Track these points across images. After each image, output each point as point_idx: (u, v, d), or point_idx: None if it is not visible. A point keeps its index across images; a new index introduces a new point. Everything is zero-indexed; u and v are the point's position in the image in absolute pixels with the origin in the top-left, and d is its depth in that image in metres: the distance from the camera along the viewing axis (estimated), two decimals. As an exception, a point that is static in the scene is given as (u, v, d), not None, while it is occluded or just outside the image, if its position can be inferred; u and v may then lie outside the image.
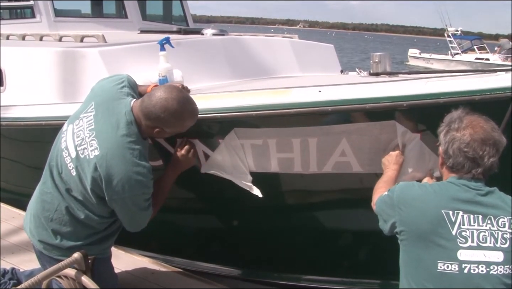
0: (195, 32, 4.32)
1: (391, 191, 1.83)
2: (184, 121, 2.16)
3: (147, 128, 2.13)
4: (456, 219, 1.65)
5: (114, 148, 2.04)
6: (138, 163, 2.04)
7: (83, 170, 2.07)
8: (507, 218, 1.66)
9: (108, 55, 3.14)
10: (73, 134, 2.14)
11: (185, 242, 3.20)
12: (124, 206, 2.10)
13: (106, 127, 2.08)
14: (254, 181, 2.45)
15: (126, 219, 2.19)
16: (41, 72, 3.39)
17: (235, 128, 2.34)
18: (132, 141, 2.07)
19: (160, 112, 2.07)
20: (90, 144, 2.07)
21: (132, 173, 2.02)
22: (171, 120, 2.11)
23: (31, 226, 2.28)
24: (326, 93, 2.17)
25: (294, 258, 2.97)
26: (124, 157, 2.03)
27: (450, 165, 1.74)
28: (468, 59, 28.06)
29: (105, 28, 5.10)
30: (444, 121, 1.79)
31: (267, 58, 3.90)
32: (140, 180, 2.03)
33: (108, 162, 2.02)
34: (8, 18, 5.38)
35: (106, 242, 2.31)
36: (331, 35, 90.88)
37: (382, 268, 2.57)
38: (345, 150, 2.31)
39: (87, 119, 2.13)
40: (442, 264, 1.64)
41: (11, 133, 3.55)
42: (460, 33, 31.82)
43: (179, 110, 2.10)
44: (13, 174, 3.85)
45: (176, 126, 2.17)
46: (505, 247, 1.63)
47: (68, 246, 2.18)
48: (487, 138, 1.66)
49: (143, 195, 2.09)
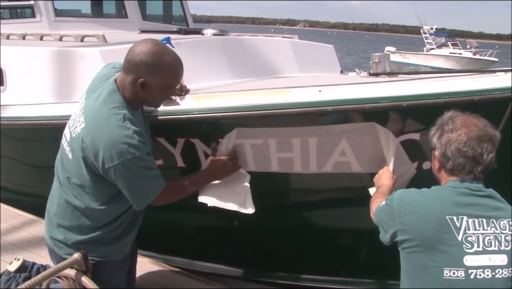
0: (195, 32, 4.32)
1: (390, 200, 1.78)
2: (164, 66, 1.99)
3: (131, 86, 2.01)
4: (461, 224, 1.61)
5: (96, 116, 1.98)
6: (122, 126, 1.94)
7: (75, 148, 2.02)
8: (506, 220, 1.64)
9: (109, 55, 3.15)
10: (70, 121, 2.14)
11: (185, 242, 3.20)
12: (120, 175, 1.98)
13: (90, 102, 2.04)
14: (253, 180, 2.45)
15: (127, 191, 2.05)
16: (42, 72, 3.40)
17: (237, 128, 2.34)
18: (114, 107, 1.99)
19: (134, 56, 1.96)
20: (79, 120, 2.03)
21: (117, 136, 1.92)
22: (149, 61, 1.96)
23: (46, 222, 2.28)
24: (326, 93, 2.17)
25: (294, 257, 2.97)
26: (107, 122, 1.95)
27: (450, 168, 1.70)
28: (443, 53, 33.71)
29: (105, 28, 5.10)
30: (435, 125, 1.76)
31: (267, 59, 3.90)
32: (126, 142, 1.92)
33: (92, 130, 1.96)
34: (9, 17, 5.39)
35: (111, 244, 2.22)
36: (331, 35, 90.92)
37: (382, 267, 2.58)
38: (345, 150, 2.31)
39: (80, 105, 2.11)
40: (448, 271, 1.60)
41: (10, 132, 3.55)
42: (435, 31, 37.68)
43: (154, 50, 1.97)
44: (12, 173, 3.85)
45: (158, 71, 1.99)
46: (509, 249, 1.61)
47: (72, 241, 2.14)
48: (483, 135, 1.64)
49: (137, 160, 1.95)
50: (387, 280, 2.79)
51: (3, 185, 3.98)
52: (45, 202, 2.28)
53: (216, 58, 3.54)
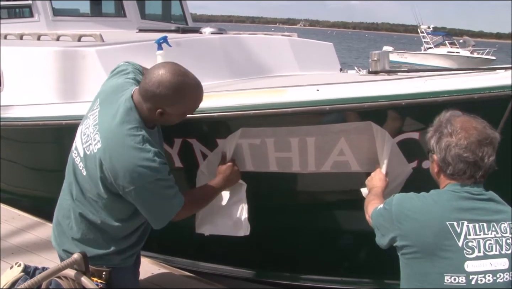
0: (193, 31, 4.31)
1: (388, 204, 1.74)
2: (184, 96, 1.96)
3: (149, 112, 1.97)
4: (461, 229, 1.59)
5: (114, 137, 1.92)
6: (141, 148, 1.89)
7: (91, 166, 1.98)
8: (507, 222, 1.62)
9: (106, 54, 3.13)
10: (81, 134, 2.08)
11: (185, 242, 3.19)
12: (140, 197, 1.95)
13: (106, 119, 1.98)
14: (252, 179, 2.44)
15: (147, 212, 2.03)
16: (39, 72, 3.38)
17: (242, 128, 2.31)
18: (132, 128, 1.93)
19: (155, 88, 1.90)
20: (94, 138, 1.97)
21: (136, 159, 1.88)
22: (169, 95, 1.91)
23: (55, 233, 2.22)
24: (324, 92, 2.16)
25: (293, 257, 2.96)
26: (125, 144, 1.90)
27: (450, 173, 1.66)
28: (440, 52, 33.85)
29: (103, 28, 5.09)
30: (432, 127, 1.73)
31: (266, 57, 3.88)
32: (147, 165, 1.88)
33: (110, 153, 1.90)
34: (7, 17, 5.38)
35: (127, 252, 2.20)
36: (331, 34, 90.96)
37: (382, 267, 2.56)
38: (343, 149, 2.30)
39: (93, 116, 2.05)
40: (449, 277, 1.57)
41: (9, 133, 3.54)
42: (432, 30, 37.76)
43: (175, 82, 1.91)
44: (12, 174, 3.84)
45: (177, 104, 1.96)
46: (510, 253, 1.59)
47: (90, 255, 2.07)
48: (483, 139, 1.61)
49: (158, 182, 1.93)
50: (387, 280, 2.78)
51: (2, 186, 3.98)
52: (45, 203, 2.26)
53: (214, 57, 3.52)
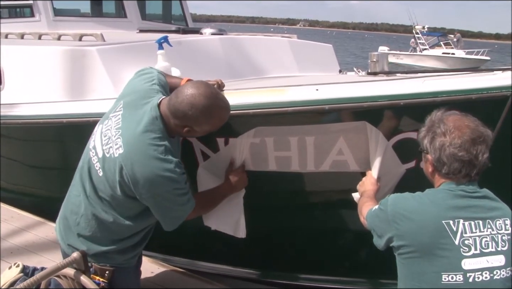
0: (193, 31, 4.32)
1: (383, 204, 1.75)
2: (214, 118, 2.03)
3: (176, 127, 2.03)
4: (457, 228, 1.60)
5: (137, 145, 1.95)
6: (163, 159, 1.93)
7: (109, 169, 2.00)
8: (502, 219, 1.63)
9: (107, 54, 3.15)
10: (101, 134, 2.09)
11: (185, 242, 3.20)
12: (157, 204, 2.02)
13: (131, 125, 2.00)
14: (251, 181, 2.45)
15: (162, 216, 2.09)
16: (40, 71, 3.39)
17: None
18: (156, 137, 1.97)
19: (187, 109, 1.96)
20: (116, 142, 1.99)
21: (158, 170, 1.92)
22: (200, 117, 1.98)
23: (61, 226, 2.24)
24: (323, 92, 2.17)
25: (293, 257, 2.97)
26: (147, 154, 1.93)
27: (445, 172, 1.67)
28: (436, 53, 33.19)
29: (104, 28, 5.10)
30: (424, 126, 1.74)
31: (266, 58, 3.90)
32: (168, 176, 1.93)
33: (132, 160, 1.93)
34: (7, 17, 5.39)
35: (131, 252, 2.23)
36: (331, 34, 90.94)
37: (381, 267, 2.57)
38: (342, 149, 2.31)
39: (116, 118, 2.07)
40: (446, 276, 1.59)
41: (10, 131, 3.55)
42: (427, 30, 37.17)
43: (207, 106, 1.97)
44: (12, 172, 3.85)
45: (206, 124, 2.03)
46: (505, 249, 1.61)
47: (94, 252, 2.12)
48: (477, 137, 1.62)
49: (175, 191, 1.99)
50: (386, 279, 2.78)
51: (3, 184, 3.98)
52: (45, 203, 2.26)
53: (214, 57, 3.53)
